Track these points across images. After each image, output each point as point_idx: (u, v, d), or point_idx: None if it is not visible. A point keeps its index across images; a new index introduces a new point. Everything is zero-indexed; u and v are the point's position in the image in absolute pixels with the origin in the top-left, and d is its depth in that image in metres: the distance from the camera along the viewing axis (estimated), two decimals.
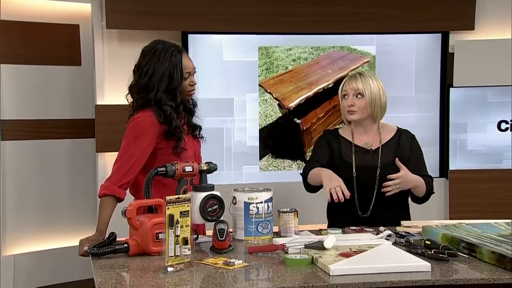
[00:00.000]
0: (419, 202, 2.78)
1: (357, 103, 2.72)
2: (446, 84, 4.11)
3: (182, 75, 2.46)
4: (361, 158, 2.74)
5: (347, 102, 2.74)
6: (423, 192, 2.71)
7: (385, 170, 2.68)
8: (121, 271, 2.00)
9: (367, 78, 2.74)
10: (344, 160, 2.76)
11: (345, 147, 2.79)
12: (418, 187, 2.69)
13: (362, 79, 2.73)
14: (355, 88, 2.72)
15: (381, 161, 2.73)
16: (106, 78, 3.85)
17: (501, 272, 1.92)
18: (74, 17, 4.11)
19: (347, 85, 2.75)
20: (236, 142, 4.03)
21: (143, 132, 2.41)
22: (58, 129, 4.10)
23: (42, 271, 4.05)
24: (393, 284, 1.83)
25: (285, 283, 1.83)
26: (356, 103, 2.72)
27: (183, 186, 2.25)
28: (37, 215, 4.07)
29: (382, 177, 2.69)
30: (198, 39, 3.93)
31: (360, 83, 2.72)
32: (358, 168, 2.72)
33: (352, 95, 2.73)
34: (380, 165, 2.72)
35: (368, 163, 2.74)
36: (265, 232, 2.35)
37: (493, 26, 4.10)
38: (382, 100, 2.75)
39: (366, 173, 2.72)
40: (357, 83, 2.72)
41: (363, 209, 2.73)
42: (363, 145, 2.78)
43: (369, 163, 2.74)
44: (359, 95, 2.72)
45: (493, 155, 4.14)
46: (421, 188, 2.69)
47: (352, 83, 2.74)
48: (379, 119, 2.81)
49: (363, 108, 2.72)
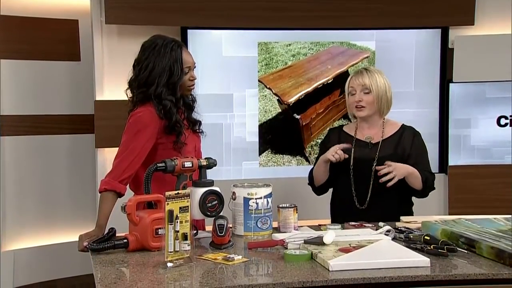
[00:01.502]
0: (418, 195, 2.78)
1: (365, 99, 2.73)
2: (446, 80, 4.10)
3: (182, 70, 2.46)
4: (360, 151, 2.76)
5: (355, 98, 2.74)
6: (419, 183, 2.70)
7: (382, 163, 2.69)
8: (120, 267, 2.01)
9: (373, 74, 2.74)
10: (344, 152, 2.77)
11: (346, 142, 2.79)
12: (412, 176, 2.67)
13: (368, 74, 2.73)
14: (362, 83, 2.72)
15: (379, 154, 2.74)
16: (105, 74, 3.84)
17: (500, 267, 1.92)
18: (73, 13, 4.10)
19: (354, 81, 2.75)
20: (236, 137, 4.02)
21: (143, 127, 2.41)
22: (57, 125, 4.10)
23: (42, 266, 4.06)
24: (392, 280, 1.83)
25: (284, 278, 1.83)
26: (364, 99, 2.73)
27: (182, 182, 2.25)
28: (37, 211, 4.08)
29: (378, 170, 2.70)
30: (197, 34, 3.93)
31: (367, 79, 2.72)
32: (356, 160, 2.74)
33: (360, 91, 2.73)
34: (377, 157, 2.73)
35: (366, 156, 2.75)
36: (264, 228, 2.36)
37: (492, 21, 4.09)
38: (388, 95, 2.77)
39: (363, 166, 2.73)
40: (364, 78, 2.72)
41: (361, 201, 2.74)
42: (364, 139, 2.79)
43: (367, 156, 2.75)
44: (366, 91, 2.72)
45: (492, 150, 4.14)
46: (415, 177, 2.68)
47: (358, 79, 2.73)
48: (385, 114, 2.82)
49: (370, 103, 2.73)
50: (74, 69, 4.13)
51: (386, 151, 2.74)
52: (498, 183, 4.07)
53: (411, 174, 2.68)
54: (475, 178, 4.10)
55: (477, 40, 4.05)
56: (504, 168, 4.09)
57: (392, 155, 2.72)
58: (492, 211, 2.93)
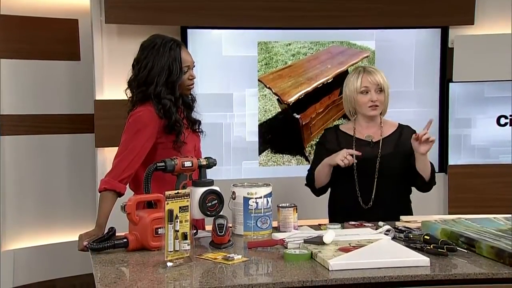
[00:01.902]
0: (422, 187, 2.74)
1: (379, 98, 2.73)
2: (446, 79, 4.10)
3: (181, 69, 2.46)
4: (362, 150, 2.74)
5: (370, 97, 2.72)
6: (429, 173, 2.68)
7: (385, 161, 2.70)
8: (120, 266, 2.01)
9: (380, 72, 2.76)
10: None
11: (345, 141, 2.80)
12: (426, 164, 2.66)
13: (378, 73, 2.74)
14: (377, 83, 2.71)
15: (382, 152, 2.74)
16: (105, 73, 3.84)
17: (499, 267, 1.92)
18: (73, 12, 4.10)
19: (367, 80, 2.72)
20: (236, 137, 4.02)
21: (143, 127, 2.41)
22: (57, 124, 4.10)
23: (42, 266, 4.05)
24: (392, 279, 1.83)
25: (284, 278, 1.83)
26: (379, 98, 2.73)
27: (182, 181, 2.25)
28: (37, 210, 4.08)
29: (381, 168, 2.71)
30: (197, 34, 3.92)
31: (379, 78, 2.72)
32: (359, 160, 2.72)
33: (374, 90, 2.72)
34: (380, 155, 2.73)
35: (369, 154, 2.74)
36: (264, 227, 2.36)
37: (492, 21, 4.09)
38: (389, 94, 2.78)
39: (366, 164, 2.72)
40: (377, 77, 2.72)
41: (365, 200, 2.73)
42: (365, 138, 2.79)
43: (370, 154, 2.75)
44: (380, 90, 2.72)
45: (492, 150, 4.14)
46: (428, 166, 2.67)
47: (371, 77, 2.72)
48: (385, 113, 2.82)
49: (383, 102, 2.75)
50: (74, 69, 4.13)
51: (388, 150, 2.75)
52: (498, 182, 4.07)
53: (427, 164, 2.66)
54: (475, 178, 4.10)
55: (477, 39, 4.05)
56: (504, 168, 4.09)
57: (394, 153, 2.73)
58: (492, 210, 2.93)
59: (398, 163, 2.73)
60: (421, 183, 2.72)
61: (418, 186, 2.77)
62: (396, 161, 2.72)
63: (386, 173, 2.71)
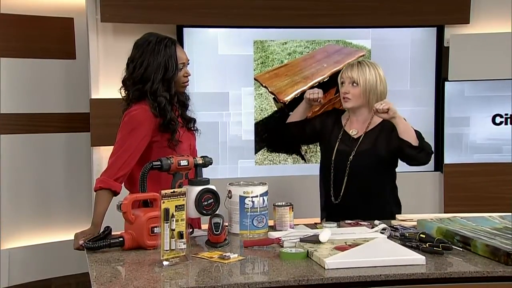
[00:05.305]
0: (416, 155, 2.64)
1: (352, 91, 2.77)
2: (441, 78, 4.11)
3: (177, 66, 2.47)
4: (343, 145, 2.80)
5: (343, 89, 2.80)
6: (413, 135, 2.63)
7: (358, 158, 2.74)
8: (116, 265, 2.00)
9: (364, 67, 2.77)
10: (329, 144, 2.83)
11: (336, 132, 2.85)
12: (405, 126, 2.65)
13: (358, 68, 2.77)
14: (350, 76, 2.78)
15: (357, 149, 2.76)
16: (101, 72, 3.83)
17: (495, 265, 1.93)
18: (68, 10, 4.09)
19: (344, 73, 2.82)
20: (232, 136, 4.02)
21: (138, 125, 2.40)
22: (53, 123, 4.09)
23: (38, 265, 4.05)
24: (388, 277, 1.84)
25: (280, 276, 1.83)
26: (351, 91, 2.77)
27: (178, 180, 2.25)
28: (33, 209, 4.07)
29: (353, 165, 2.74)
30: (193, 32, 3.92)
31: (355, 72, 2.76)
32: (338, 153, 2.79)
33: (348, 83, 2.78)
34: (354, 153, 2.75)
35: (346, 150, 2.79)
36: (260, 226, 2.36)
37: (488, 20, 4.10)
38: (379, 89, 2.77)
39: (341, 159, 2.78)
40: (352, 72, 2.77)
41: (336, 195, 2.79)
42: (350, 133, 2.82)
43: (347, 150, 2.78)
44: (354, 84, 2.77)
45: (488, 149, 4.15)
46: (408, 129, 2.64)
47: (348, 72, 2.79)
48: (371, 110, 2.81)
49: (357, 96, 2.77)
50: (70, 67, 4.12)
51: (364, 146, 2.77)
52: (493, 181, 4.08)
53: (406, 126, 2.64)
54: (470, 176, 4.11)
55: (473, 38, 4.06)
56: (499, 166, 4.10)
57: (369, 150, 2.74)
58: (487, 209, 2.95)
59: (372, 161, 2.73)
60: (410, 149, 2.62)
61: (410, 156, 2.66)
62: (371, 159, 2.73)
63: (356, 170, 2.74)
